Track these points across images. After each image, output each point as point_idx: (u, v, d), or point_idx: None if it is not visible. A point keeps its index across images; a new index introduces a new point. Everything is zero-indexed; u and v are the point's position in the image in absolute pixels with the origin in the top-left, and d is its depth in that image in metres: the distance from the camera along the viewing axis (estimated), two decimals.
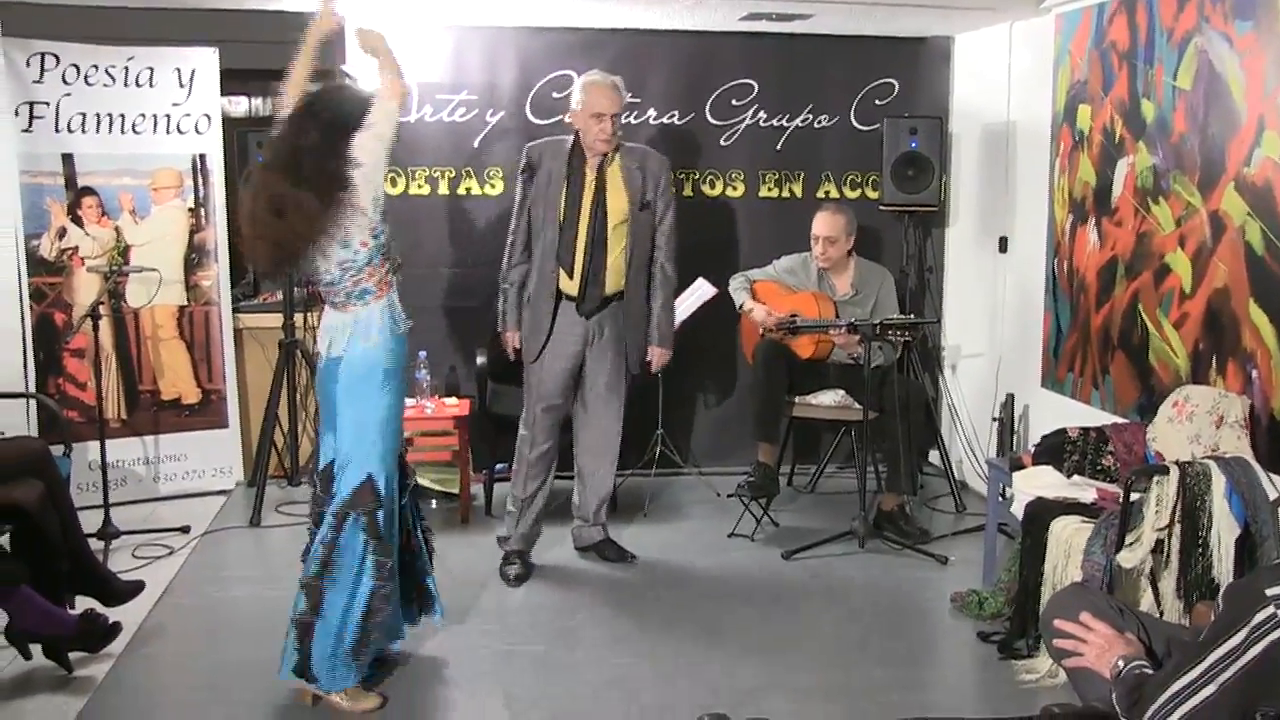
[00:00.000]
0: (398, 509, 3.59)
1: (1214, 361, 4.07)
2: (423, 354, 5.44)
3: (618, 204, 4.59)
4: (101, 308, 5.10)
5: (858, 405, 5.13)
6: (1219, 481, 3.39)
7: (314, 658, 3.42)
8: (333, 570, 3.42)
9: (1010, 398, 5.39)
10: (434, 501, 5.67)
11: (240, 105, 7.72)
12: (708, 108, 5.99)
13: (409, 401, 5.43)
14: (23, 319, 5.22)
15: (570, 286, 4.62)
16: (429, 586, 3.82)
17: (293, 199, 3.28)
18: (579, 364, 4.68)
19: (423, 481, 5.68)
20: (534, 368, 4.69)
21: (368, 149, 3.37)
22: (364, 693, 3.51)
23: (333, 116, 3.39)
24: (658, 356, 4.78)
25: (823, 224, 5.30)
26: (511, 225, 4.71)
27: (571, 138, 4.62)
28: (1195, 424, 3.79)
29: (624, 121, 5.79)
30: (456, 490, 5.51)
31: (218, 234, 5.74)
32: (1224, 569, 3.35)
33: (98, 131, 5.44)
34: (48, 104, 5.31)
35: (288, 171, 3.32)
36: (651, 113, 5.94)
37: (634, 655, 3.95)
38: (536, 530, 4.82)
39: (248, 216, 3.38)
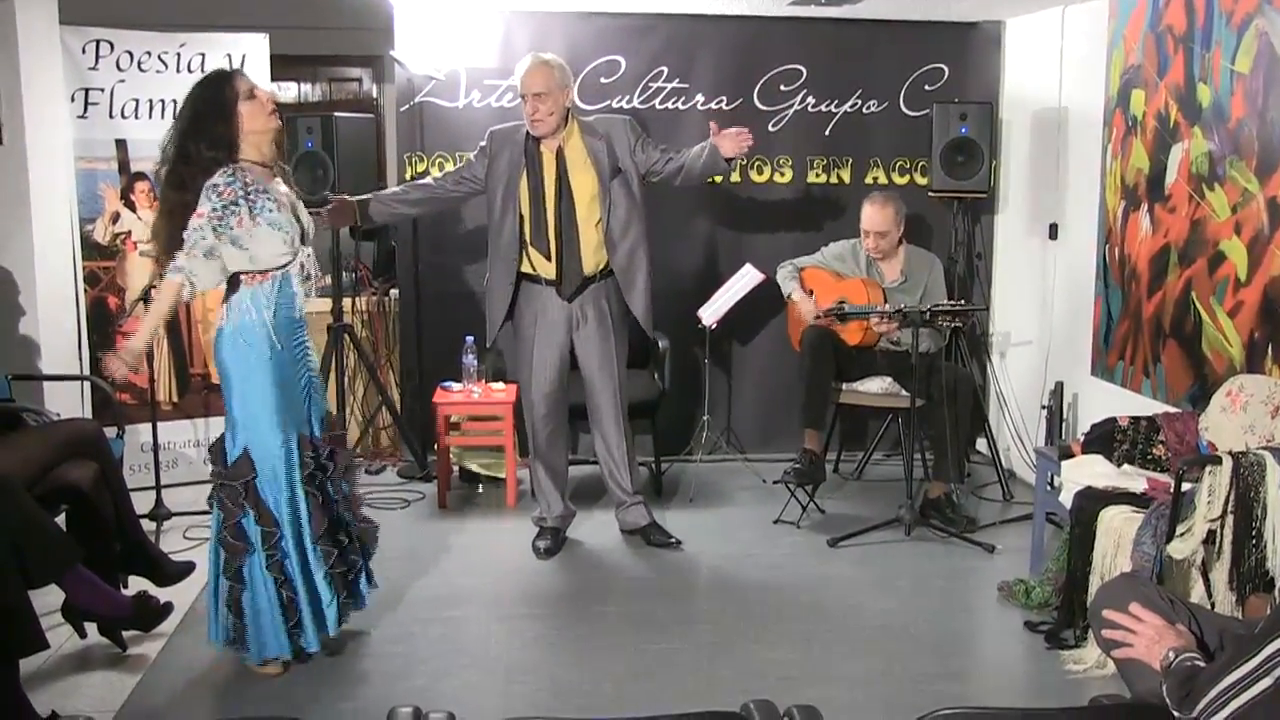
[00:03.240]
0: (292, 480, 3.57)
1: (1270, 350, 4.00)
2: (469, 339, 5.47)
3: (583, 180, 4.55)
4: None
5: (905, 392, 5.11)
6: (1274, 472, 3.34)
7: (248, 630, 3.55)
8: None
9: (1059, 386, 5.33)
10: (480, 486, 5.71)
11: (290, 91, 7.77)
12: (756, 93, 5.96)
13: (455, 386, 5.49)
14: (77, 302, 5.32)
15: (548, 269, 4.61)
16: (359, 583, 3.81)
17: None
18: (568, 351, 4.72)
19: (470, 466, 5.73)
20: (524, 360, 4.73)
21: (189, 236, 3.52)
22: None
23: (184, 110, 3.54)
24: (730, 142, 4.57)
25: (872, 218, 5.24)
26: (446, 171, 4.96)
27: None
28: (1250, 414, 3.73)
29: (671, 107, 5.85)
30: (503, 475, 5.55)
31: None
32: (1278, 561, 3.31)
33: (150, 117, 5.50)
34: (102, 90, 5.38)
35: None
36: (699, 98, 5.92)
37: (678, 640, 3.95)
38: (570, 511, 4.90)
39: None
